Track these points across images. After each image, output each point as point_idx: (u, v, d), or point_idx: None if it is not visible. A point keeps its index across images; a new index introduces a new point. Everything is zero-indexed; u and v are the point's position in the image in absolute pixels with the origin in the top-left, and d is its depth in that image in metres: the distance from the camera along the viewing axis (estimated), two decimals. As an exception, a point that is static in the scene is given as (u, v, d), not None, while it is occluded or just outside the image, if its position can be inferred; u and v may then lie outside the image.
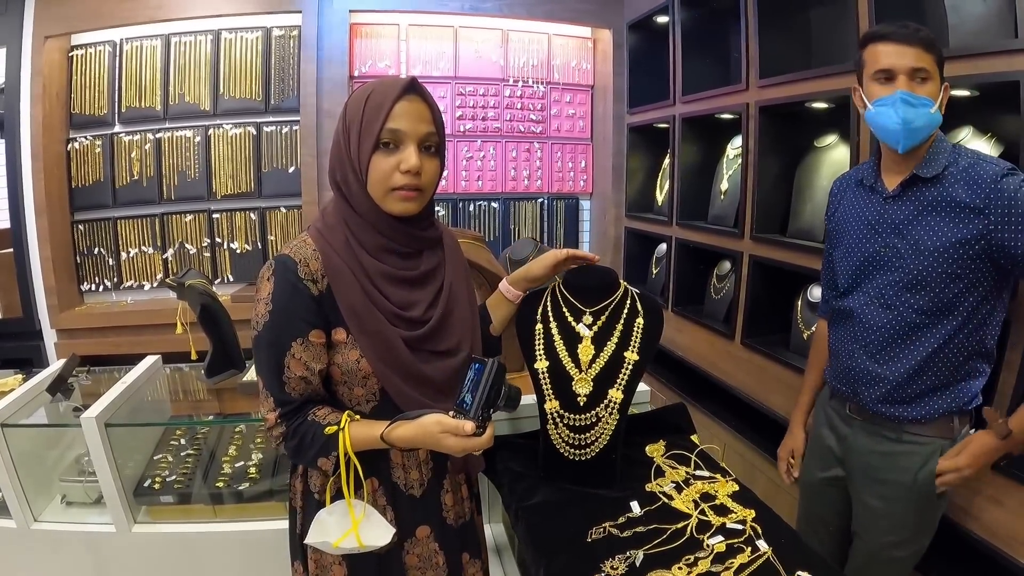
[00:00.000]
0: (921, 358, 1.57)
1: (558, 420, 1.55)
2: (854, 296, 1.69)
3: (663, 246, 3.54)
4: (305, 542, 1.28)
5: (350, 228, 1.25)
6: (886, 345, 1.62)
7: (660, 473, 1.61)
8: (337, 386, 1.28)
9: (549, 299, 1.61)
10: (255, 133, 3.54)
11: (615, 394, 1.54)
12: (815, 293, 2.47)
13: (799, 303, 2.57)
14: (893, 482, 1.65)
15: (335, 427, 1.20)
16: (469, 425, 1.12)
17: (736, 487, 1.54)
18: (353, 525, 1.22)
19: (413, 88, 1.21)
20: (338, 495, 1.25)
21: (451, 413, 1.15)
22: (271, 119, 3.57)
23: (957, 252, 1.48)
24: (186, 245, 3.61)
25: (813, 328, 2.46)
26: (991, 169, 1.45)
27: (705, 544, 1.33)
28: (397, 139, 1.20)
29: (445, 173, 1.38)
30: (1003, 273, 1.51)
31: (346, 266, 1.23)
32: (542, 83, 3.96)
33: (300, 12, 3.47)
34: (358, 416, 1.25)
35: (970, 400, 1.59)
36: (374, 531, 1.25)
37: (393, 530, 1.27)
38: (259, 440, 2.31)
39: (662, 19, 3.45)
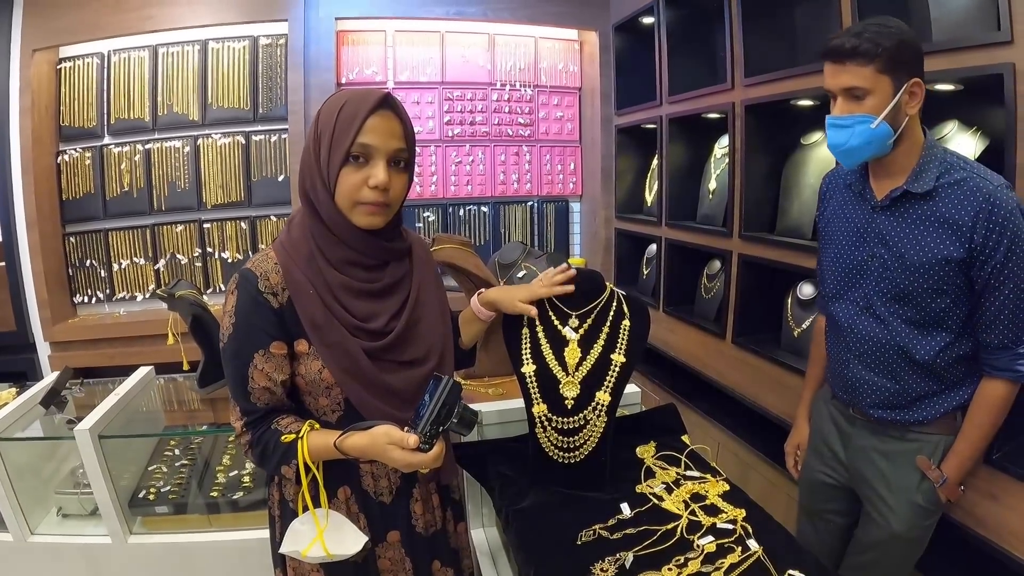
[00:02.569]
0: (914, 369, 1.57)
1: (546, 423, 1.56)
2: (841, 303, 1.69)
3: (653, 247, 3.54)
4: (280, 551, 1.29)
5: (316, 240, 1.26)
6: (878, 354, 1.61)
7: (650, 474, 1.62)
8: (304, 396, 1.30)
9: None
10: (244, 142, 3.54)
11: (603, 396, 1.55)
12: (805, 291, 2.48)
13: (789, 301, 2.58)
14: (899, 477, 1.65)
15: (293, 436, 1.21)
16: (412, 439, 1.11)
17: (727, 487, 1.54)
18: (318, 534, 1.24)
19: (387, 103, 1.22)
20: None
21: (406, 428, 1.14)
22: (259, 128, 3.57)
23: (943, 269, 1.46)
24: (177, 255, 3.61)
25: (804, 325, 2.48)
26: (984, 186, 1.41)
27: (695, 545, 1.33)
28: (367, 154, 1.21)
29: (434, 178, 1.39)
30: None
31: (307, 279, 1.24)
32: (529, 86, 3.97)
33: (286, 21, 3.47)
34: (318, 425, 1.26)
35: (971, 397, 1.57)
36: (343, 540, 1.25)
37: (364, 538, 1.27)
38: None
39: (647, 20, 3.45)
